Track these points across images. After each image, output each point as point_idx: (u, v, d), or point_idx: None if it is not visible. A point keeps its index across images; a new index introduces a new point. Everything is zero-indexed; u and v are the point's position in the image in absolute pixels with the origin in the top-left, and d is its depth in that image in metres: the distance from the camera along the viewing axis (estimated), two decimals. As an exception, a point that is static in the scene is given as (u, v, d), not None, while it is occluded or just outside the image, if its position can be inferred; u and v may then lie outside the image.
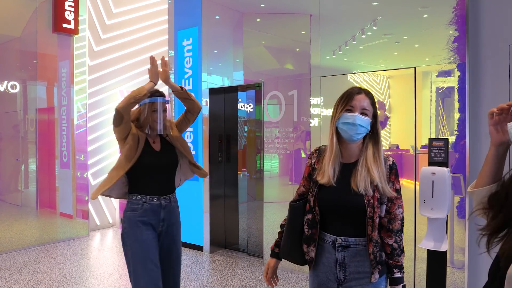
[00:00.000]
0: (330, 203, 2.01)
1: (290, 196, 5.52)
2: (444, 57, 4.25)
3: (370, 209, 1.93)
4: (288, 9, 5.59)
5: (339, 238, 1.99)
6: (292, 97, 5.36)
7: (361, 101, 2.01)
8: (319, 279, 2.07)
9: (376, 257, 1.95)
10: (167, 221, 3.00)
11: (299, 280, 4.94)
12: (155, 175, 2.95)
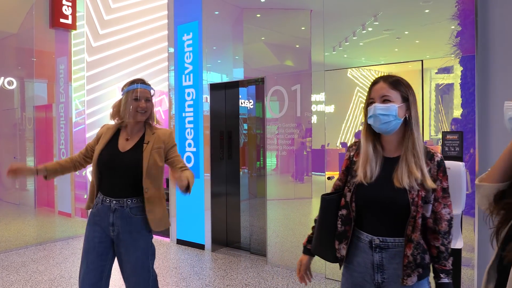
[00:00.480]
0: (368, 199, 1.89)
1: (292, 193, 5.49)
2: (447, 53, 4.19)
3: (414, 207, 1.79)
4: (289, 4, 5.52)
5: (377, 238, 1.87)
6: (295, 92, 5.30)
7: (379, 90, 1.90)
8: (354, 279, 1.96)
9: (416, 259, 1.80)
10: (119, 227, 2.72)
11: (303, 278, 4.88)
12: (111, 175, 2.74)
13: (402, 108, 1.86)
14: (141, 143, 2.80)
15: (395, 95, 1.86)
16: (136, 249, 2.75)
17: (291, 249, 5.25)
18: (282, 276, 4.95)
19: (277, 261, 5.35)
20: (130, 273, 2.77)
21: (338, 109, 5.11)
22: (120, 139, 2.82)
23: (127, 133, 2.84)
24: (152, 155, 2.77)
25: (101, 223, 2.74)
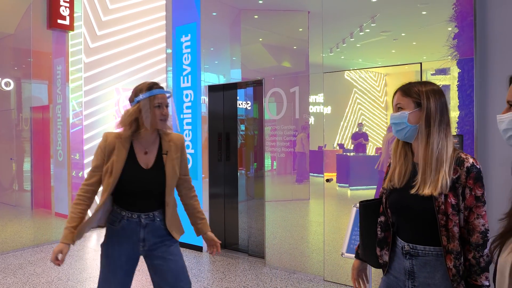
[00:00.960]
0: (396, 206, 1.91)
1: (290, 194, 5.49)
2: (444, 54, 4.20)
3: (442, 216, 1.74)
4: (286, 5, 5.52)
5: (407, 244, 1.87)
6: (294, 94, 5.30)
7: (394, 100, 1.93)
8: (390, 283, 1.98)
9: (460, 271, 1.74)
10: (150, 241, 2.60)
11: (302, 281, 4.87)
12: (139, 194, 2.57)
13: (415, 114, 1.84)
14: (161, 155, 2.64)
15: (406, 102, 1.87)
16: (174, 256, 2.68)
17: (289, 251, 5.24)
18: (280, 278, 4.95)
19: (275, 263, 5.34)
20: (175, 281, 2.66)
21: (336, 111, 5.11)
22: (137, 153, 2.60)
23: (143, 144, 2.62)
24: (174, 169, 2.65)
25: (128, 240, 2.57)
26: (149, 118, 2.54)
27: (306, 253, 5.12)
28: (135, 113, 2.55)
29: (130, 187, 2.54)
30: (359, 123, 4.99)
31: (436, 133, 1.79)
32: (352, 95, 5.02)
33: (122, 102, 7.87)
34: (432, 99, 1.82)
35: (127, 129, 2.56)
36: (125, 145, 2.56)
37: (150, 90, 2.57)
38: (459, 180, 1.76)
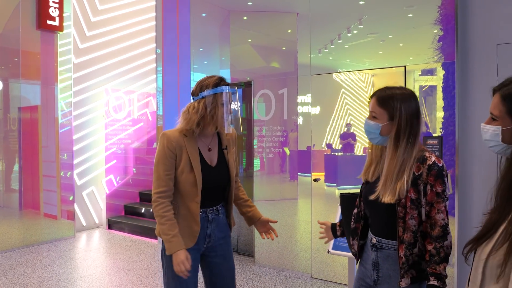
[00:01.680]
0: (366, 200, 2.03)
1: (278, 194, 5.55)
2: (429, 56, 4.29)
3: (401, 209, 1.86)
4: (275, 7, 5.59)
5: (374, 237, 2.00)
6: (282, 96, 5.37)
7: (370, 106, 2.00)
8: (361, 273, 2.12)
9: (409, 260, 1.87)
10: (215, 237, 2.55)
11: (290, 278, 4.95)
12: (208, 191, 2.50)
13: (388, 126, 1.92)
14: (222, 150, 2.59)
15: (380, 113, 1.94)
16: (231, 254, 2.65)
17: (278, 250, 5.31)
18: (269, 276, 5.02)
19: (264, 261, 5.41)
20: (231, 281, 2.62)
21: (324, 111, 5.19)
22: (202, 151, 2.51)
23: (204, 141, 2.54)
24: (234, 162, 2.63)
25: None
26: (215, 116, 2.43)
27: (294, 251, 5.20)
28: (202, 110, 2.43)
29: (203, 186, 2.45)
30: (348, 123, 5.07)
31: (403, 146, 1.88)
32: (340, 95, 5.09)
33: (111, 103, 7.88)
34: (403, 112, 1.89)
35: (194, 126, 2.43)
36: (193, 143, 2.47)
37: (217, 87, 2.44)
38: (421, 177, 1.86)
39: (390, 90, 1.96)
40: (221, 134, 2.62)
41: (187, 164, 2.42)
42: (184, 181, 2.42)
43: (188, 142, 2.44)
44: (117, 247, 6.43)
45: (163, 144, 2.42)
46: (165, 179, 2.40)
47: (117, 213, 7.85)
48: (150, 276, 5.05)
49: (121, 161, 8.19)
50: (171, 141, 2.42)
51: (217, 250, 2.57)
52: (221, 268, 2.58)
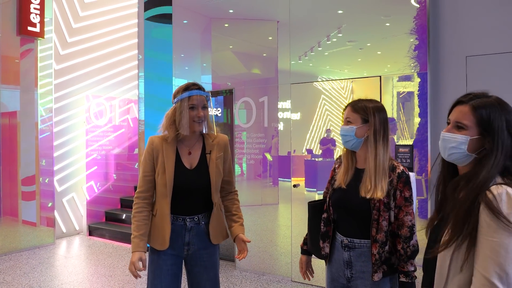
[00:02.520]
0: (339, 204, 2.19)
1: (259, 199, 5.62)
2: (405, 64, 4.43)
3: (376, 212, 2.04)
4: (256, 15, 5.69)
5: (346, 238, 2.16)
6: (263, 104, 5.46)
7: (345, 114, 2.20)
8: (333, 274, 2.26)
9: (381, 257, 2.06)
10: (195, 245, 2.57)
11: (271, 282, 5.03)
12: (185, 196, 2.53)
13: (362, 128, 2.14)
14: (204, 155, 2.60)
15: (355, 118, 2.16)
16: (213, 264, 2.65)
17: (258, 254, 5.38)
18: (250, 280, 5.08)
19: (245, 266, 5.47)
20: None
21: (304, 117, 5.28)
22: (182, 154, 2.57)
23: (186, 145, 2.59)
24: (217, 167, 2.59)
25: (173, 244, 2.53)
26: (183, 120, 2.48)
27: (274, 255, 5.27)
28: (172, 116, 2.52)
29: (176, 188, 2.50)
30: (327, 129, 5.17)
31: (381, 146, 2.11)
32: (320, 101, 5.20)
33: (92, 109, 7.87)
34: (377, 117, 2.13)
35: (169, 131, 2.53)
36: (171, 147, 2.54)
37: (186, 91, 2.50)
38: (392, 183, 2.08)
39: (363, 101, 2.19)
40: (206, 139, 2.64)
41: (161, 166, 2.51)
42: (159, 183, 2.52)
43: (167, 146, 2.53)
44: (98, 253, 6.41)
45: (146, 148, 2.58)
46: (143, 180, 2.56)
47: (98, 220, 7.82)
48: (132, 282, 5.06)
49: (102, 167, 8.18)
50: (151, 144, 2.56)
51: (197, 259, 2.60)
52: (201, 278, 2.61)
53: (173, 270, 2.56)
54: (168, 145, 2.54)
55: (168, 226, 2.50)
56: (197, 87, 2.53)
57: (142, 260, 2.42)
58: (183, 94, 2.50)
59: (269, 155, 5.50)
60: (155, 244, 2.53)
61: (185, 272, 2.67)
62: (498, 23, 4.00)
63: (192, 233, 2.56)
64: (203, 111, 2.52)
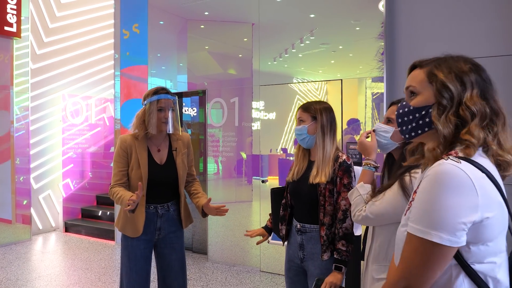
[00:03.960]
0: (293, 193, 2.51)
1: (233, 197, 5.83)
2: (374, 67, 4.69)
3: (322, 198, 2.34)
4: (231, 17, 5.88)
5: (299, 223, 2.47)
6: (233, 104, 5.67)
7: (297, 115, 2.51)
8: (289, 255, 2.57)
9: (329, 238, 2.34)
10: (165, 230, 2.91)
11: (241, 272, 5.29)
12: (156, 187, 2.84)
13: (312, 126, 2.45)
14: (171, 152, 2.95)
15: (305, 116, 2.48)
16: (181, 246, 2.99)
17: (230, 248, 5.60)
18: (221, 271, 5.32)
19: (217, 258, 5.69)
20: (179, 271, 2.96)
21: (279, 117, 5.52)
22: (152, 151, 2.89)
23: (155, 143, 2.91)
24: (183, 162, 2.94)
25: (146, 229, 2.82)
26: (152, 121, 2.79)
27: (245, 248, 5.50)
28: (142, 116, 2.85)
29: (149, 181, 2.81)
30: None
31: (328, 140, 2.43)
32: (295, 101, 5.42)
33: (68, 108, 7.97)
34: (324, 115, 2.44)
35: (139, 130, 2.85)
36: (143, 144, 2.86)
37: (155, 95, 2.82)
38: (335, 172, 2.38)
39: (312, 103, 2.51)
40: (171, 138, 2.98)
41: (135, 162, 2.82)
42: (133, 177, 2.82)
43: (138, 143, 2.85)
44: (75, 248, 6.53)
45: (118, 146, 2.87)
46: (119, 174, 2.85)
47: (74, 216, 7.91)
48: (108, 274, 5.23)
49: (78, 165, 8.28)
50: (123, 142, 2.86)
51: (167, 242, 2.94)
52: (170, 258, 2.95)
53: (146, 253, 2.88)
54: (140, 143, 2.85)
55: (142, 216, 2.81)
56: (165, 92, 2.86)
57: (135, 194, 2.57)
58: (152, 97, 2.82)
59: (244, 154, 5.71)
60: (128, 232, 2.83)
61: (155, 256, 2.99)
62: (447, 30, 4.36)
63: (163, 219, 2.89)
64: (170, 113, 2.85)
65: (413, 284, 1.15)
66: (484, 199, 1.10)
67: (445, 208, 1.09)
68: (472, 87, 1.21)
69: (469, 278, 1.15)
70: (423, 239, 1.12)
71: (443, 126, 1.20)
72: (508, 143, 1.21)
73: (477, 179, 1.10)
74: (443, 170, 1.11)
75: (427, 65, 1.31)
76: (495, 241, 1.15)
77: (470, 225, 1.10)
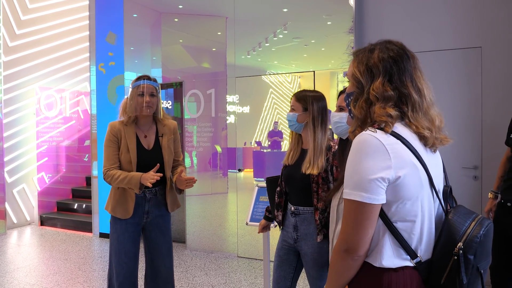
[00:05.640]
0: (287, 179, 2.65)
1: (209, 189, 5.95)
2: (345, 61, 4.86)
3: (315, 185, 2.47)
4: (205, 11, 5.95)
5: (293, 206, 2.61)
6: (210, 95, 5.77)
7: (291, 103, 2.65)
8: (284, 235, 2.72)
9: (322, 222, 2.48)
10: (153, 213, 3.04)
11: (219, 258, 5.46)
12: (143, 172, 2.89)
13: (302, 115, 2.58)
14: (158, 137, 3.09)
15: (297, 106, 2.61)
16: (168, 229, 3.13)
17: (208, 236, 5.74)
18: (200, 257, 5.49)
19: (195, 246, 5.83)
20: (166, 253, 3.09)
21: (253, 110, 5.64)
22: (140, 137, 3.03)
23: (142, 129, 3.05)
24: (169, 147, 3.09)
25: (135, 213, 2.96)
26: (132, 105, 2.96)
27: (223, 236, 5.66)
28: (126, 102, 3.02)
29: (138, 165, 2.94)
30: (275, 122, 5.54)
31: (319, 130, 2.54)
32: (269, 95, 5.56)
33: (42, 101, 7.92)
34: (315, 105, 2.57)
35: (124, 116, 3.01)
36: (131, 130, 3.00)
37: (137, 81, 3.00)
38: (328, 160, 2.51)
39: (305, 92, 2.64)
40: (158, 124, 3.12)
41: (125, 147, 2.96)
42: (123, 161, 2.97)
43: (127, 129, 2.99)
44: (52, 240, 6.54)
45: (108, 132, 3.00)
46: (112, 158, 2.96)
47: (50, 210, 7.89)
48: (88, 264, 5.30)
49: (53, 158, 8.24)
50: (113, 128, 2.99)
51: (155, 225, 3.07)
52: (158, 241, 3.08)
53: (134, 236, 3.02)
54: (128, 129, 2.99)
55: (132, 199, 2.96)
56: (147, 78, 3.02)
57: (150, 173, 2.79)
58: (134, 84, 3.01)
59: (219, 147, 5.83)
60: (118, 213, 2.96)
61: (143, 238, 3.11)
62: (413, 24, 4.62)
63: (151, 203, 3.03)
64: (151, 98, 2.98)
65: (351, 244, 1.34)
66: (396, 161, 1.29)
67: (362, 169, 1.30)
68: (379, 75, 1.40)
69: (392, 236, 1.35)
70: (350, 200, 1.33)
71: (357, 111, 1.43)
72: (422, 122, 1.39)
73: (390, 144, 1.30)
74: (361, 139, 1.33)
75: (356, 55, 1.51)
76: (413, 201, 1.34)
77: (387, 185, 1.30)
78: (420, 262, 1.36)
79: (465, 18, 4.43)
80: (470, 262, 1.30)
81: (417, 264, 1.36)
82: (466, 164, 4.34)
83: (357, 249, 1.34)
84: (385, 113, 1.35)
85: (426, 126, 1.39)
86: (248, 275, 4.84)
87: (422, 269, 1.37)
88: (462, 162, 4.36)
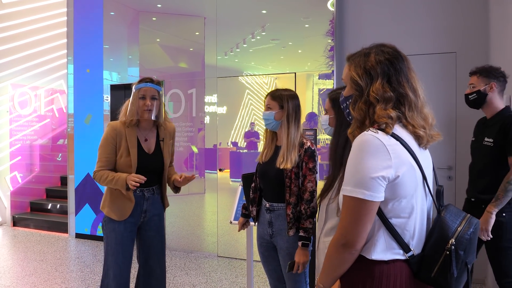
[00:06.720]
0: (261, 175, 2.74)
1: (186, 189, 5.94)
2: (322, 63, 4.96)
3: (288, 180, 2.56)
4: (184, 10, 5.95)
5: (268, 203, 2.69)
6: (191, 95, 5.78)
7: (266, 102, 2.73)
8: (260, 232, 2.79)
9: (294, 216, 2.57)
10: (151, 212, 3.05)
11: (199, 257, 5.48)
12: (145, 173, 2.88)
13: (279, 113, 2.68)
14: (158, 141, 3.06)
15: (273, 104, 2.70)
16: (163, 227, 3.16)
17: (187, 236, 5.74)
18: (179, 257, 5.50)
19: (174, 246, 5.82)
20: (161, 251, 3.12)
21: (230, 110, 5.67)
22: (140, 140, 2.99)
23: (142, 132, 3.01)
24: (168, 152, 3.10)
25: (133, 212, 2.95)
26: (134, 107, 2.91)
27: (202, 236, 5.68)
28: (128, 105, 2.96)
29: (138, 169, 2.91)
30: (251, 123, 5.57)
31: (292, 127, 2.65)
32: (245, 96, 5.59)
33: (16, 98, 7.77)
34: (290, 103, 2.67)
35: (126, 118, 2.94)
36: (133, 132, 2.95)
37: (139, 84, 2.95)
38: (300, 157, 2.60)
39: (280, 91, 2.73)
40: (159, 128, 3.09)
41: (125, 150, 2.91)
42: (122, 164, 2.92)
43: (129, 132, 2.94)
44: (26, 241, 6.42)
45: (107, 132, 2.93)
46: (104, 161, 2.91)
47: (23, 210, 7.73)
48: (65, 265, 5.23)
49: (26, 157, 8.08)
50: (113, 130, 2.92)
51: (151, 224, 3.09)
52: (154, 240, 3.10)
53: (131, 236, 3.02)
54: (130, 131, 2.94)
55: (131, 200, 2.94)
56: (149, 81, 2.96)
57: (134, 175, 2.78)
58: (136, 86, 2.95)
59: (195, 148, 5.83)
60: (114, 215, 2.94)
61: (137, 238, 3.11)
62: (392, 28, 4.76)
63: (149, 202, 3.04)
64: (153, 101, 2.92)
65: (349, 239, 1.41)
66: (396, 161, 1.37)
67: (365, 168, 1.37)
68: (377, 77, 1.47)
69: (387, 231, 1.43)
70: (351, 197, 1.40)
71: (357, 113, 1.49)
72: (417, 121, 1.47)
73: (391, 145, 1.38)
74: (363, 139, 1.40)
75: (351, 60, 1.57)
76: (408, 199, 1.42)
77: (387, 183, 1.38)
78: (413, 256, 1.44)
79: (442, 25, 4.59)
80: (460, 257, 1.40)
81: (410, 257, 1.44)
82: (441, 165, 4.48)
83: (355, 243, 1.41)
84: (386, 114, 1.42)
85: (421, 124, 1.48)
86: (228, 274, 4.87)
87: (413, 262, 1.45)
88: (436, 163, 4.43)
